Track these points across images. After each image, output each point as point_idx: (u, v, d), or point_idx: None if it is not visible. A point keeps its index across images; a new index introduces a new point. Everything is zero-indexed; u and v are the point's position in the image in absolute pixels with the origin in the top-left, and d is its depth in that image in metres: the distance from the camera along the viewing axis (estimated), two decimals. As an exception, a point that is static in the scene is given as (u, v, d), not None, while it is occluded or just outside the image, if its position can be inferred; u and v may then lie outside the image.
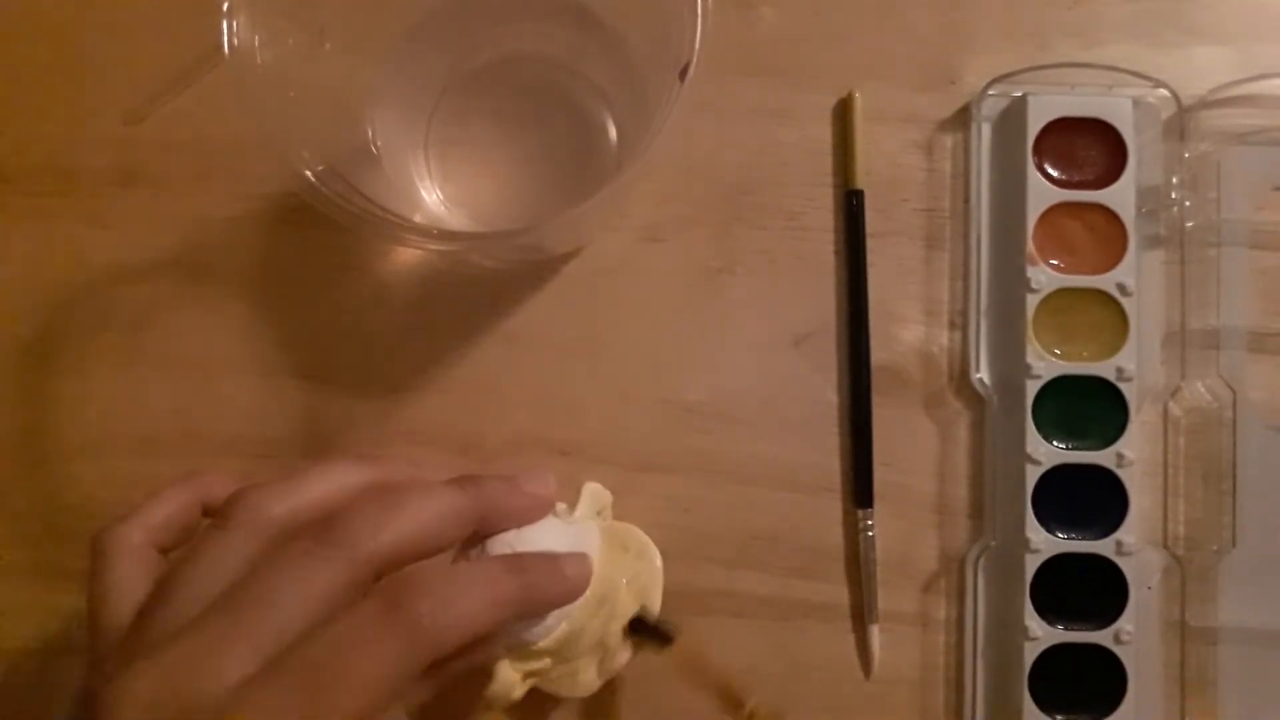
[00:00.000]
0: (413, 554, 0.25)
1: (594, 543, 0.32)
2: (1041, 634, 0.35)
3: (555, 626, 0.30)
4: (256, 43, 0.29)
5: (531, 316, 0.38)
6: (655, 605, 0.34)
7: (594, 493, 0.35)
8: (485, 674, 0.31)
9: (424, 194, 0.37)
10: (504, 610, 0.26)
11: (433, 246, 0.29)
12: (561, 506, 0.33)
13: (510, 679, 0.31)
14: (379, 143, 0.35)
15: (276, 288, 0.39)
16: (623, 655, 0.33)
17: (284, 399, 0.38)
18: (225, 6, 0.28)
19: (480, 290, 0.38)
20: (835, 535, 0.38)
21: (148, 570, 0.27)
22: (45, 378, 0.38)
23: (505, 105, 0.38)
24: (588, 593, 0.31)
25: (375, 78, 0.36)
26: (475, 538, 0.29)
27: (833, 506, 0.38)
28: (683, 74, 0.28)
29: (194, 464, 0.38)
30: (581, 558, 0.30)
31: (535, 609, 0.29)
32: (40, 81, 0.39)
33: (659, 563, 0.35)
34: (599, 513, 0.35)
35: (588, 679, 0.33)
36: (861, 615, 0.37)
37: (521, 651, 0.30)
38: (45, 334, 0.38)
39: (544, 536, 0.30)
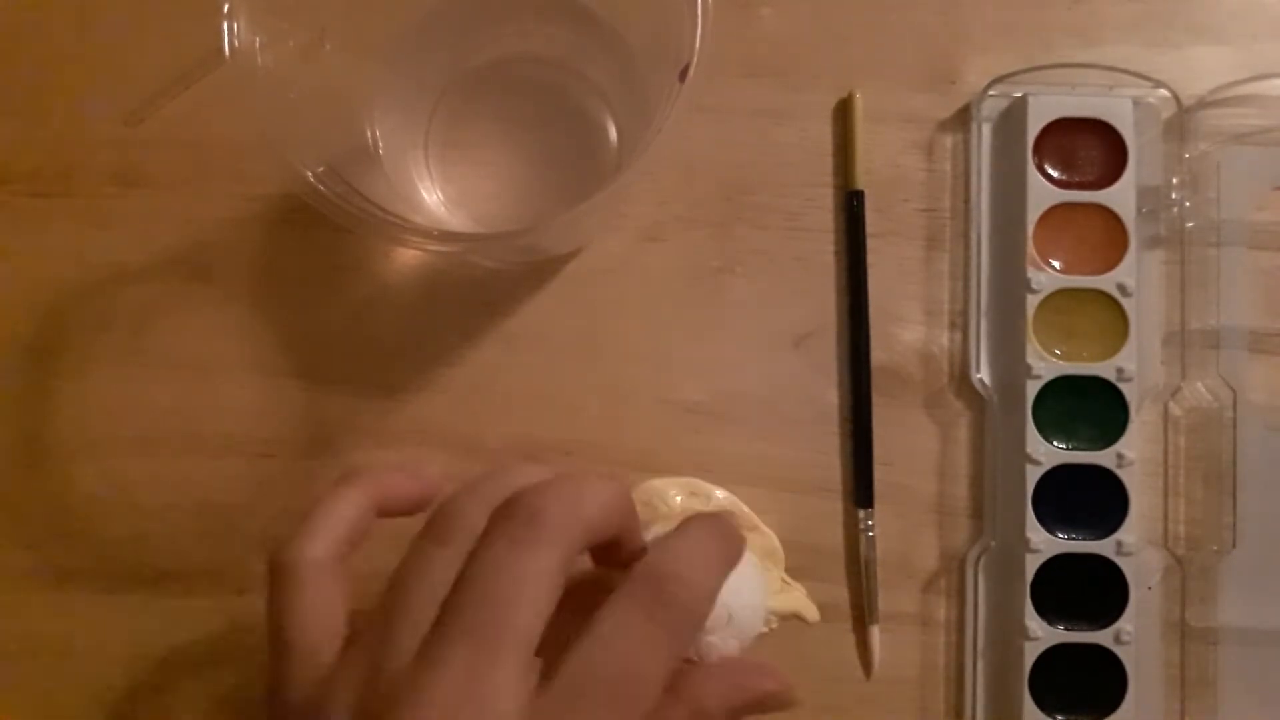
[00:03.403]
0: (609, 527, 0.24)
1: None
2: (1041, 634, 0.35)
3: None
4: (257, 44, 0.29)
5: (531, 316, 0.38)
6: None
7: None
8: None
9: (424, 195, 0.37)
10: (724, 570, 0.25)
11: (433, 247, 0.29)
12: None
13: None
14: (379, 143, 0.35)
15: (276, 288, 0.39)
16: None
17: (284, 399, 0.38)
18: (225, 8, 0.28)
19: (480, 290, 0.38)
20: (835, 535, 0.38)
21: (338, 587, 0.26)
22: (45, 378, 0.38)
23: (505, 105, 0.38)
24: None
25: (375, 78, 0.36)
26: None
27: (833, 506, 0.38)
28: (683, 74, 0.28)
29: (194, 464, 0.38)
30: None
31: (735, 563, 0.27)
32: (40, 81, 0.39)
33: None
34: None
35: None
36: (861, 615, 0.37)
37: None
38: (45, 334, 0.38)
39: None
